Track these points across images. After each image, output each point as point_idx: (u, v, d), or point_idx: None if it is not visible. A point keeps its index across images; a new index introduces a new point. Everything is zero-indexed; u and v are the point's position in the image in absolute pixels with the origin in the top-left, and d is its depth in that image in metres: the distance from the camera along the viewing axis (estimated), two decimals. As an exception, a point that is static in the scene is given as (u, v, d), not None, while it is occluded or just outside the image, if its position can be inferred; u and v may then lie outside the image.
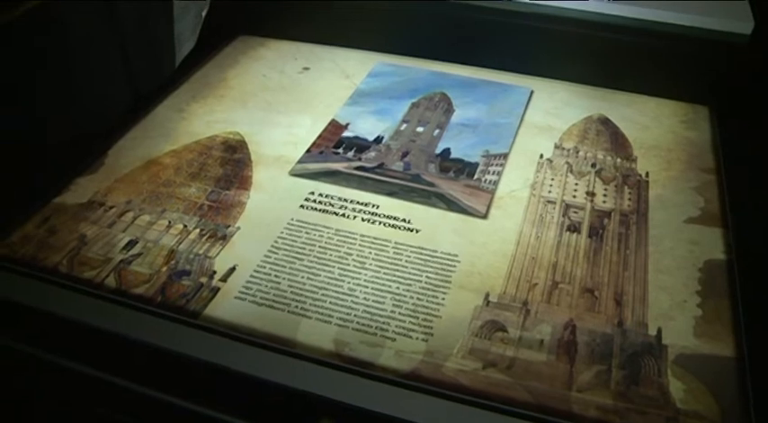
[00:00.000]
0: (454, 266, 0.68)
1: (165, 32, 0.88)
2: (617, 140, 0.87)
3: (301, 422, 0.54)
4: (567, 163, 0.82)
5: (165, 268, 0.67)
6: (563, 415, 0.54)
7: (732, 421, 0.54)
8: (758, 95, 0.86)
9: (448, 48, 1.00)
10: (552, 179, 0.80)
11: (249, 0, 1.07)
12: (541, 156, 0.84)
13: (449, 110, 0.92)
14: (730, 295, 0.65)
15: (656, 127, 0.90)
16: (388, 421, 0.52)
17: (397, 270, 0.67)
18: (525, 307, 0.63)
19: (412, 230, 0.72)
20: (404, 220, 0.73)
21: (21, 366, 0.60)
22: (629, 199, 0.77)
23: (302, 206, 0.75)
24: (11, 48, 0.68)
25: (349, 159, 0.83)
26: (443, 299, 0.64)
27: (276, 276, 0.66)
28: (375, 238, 0.71)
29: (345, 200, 0.76)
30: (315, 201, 0.76)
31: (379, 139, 0.87)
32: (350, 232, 0.71)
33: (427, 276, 0.66)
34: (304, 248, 0.69)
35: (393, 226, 0.73)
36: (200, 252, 0.69)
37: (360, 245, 0.70)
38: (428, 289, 0.65)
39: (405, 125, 0.89)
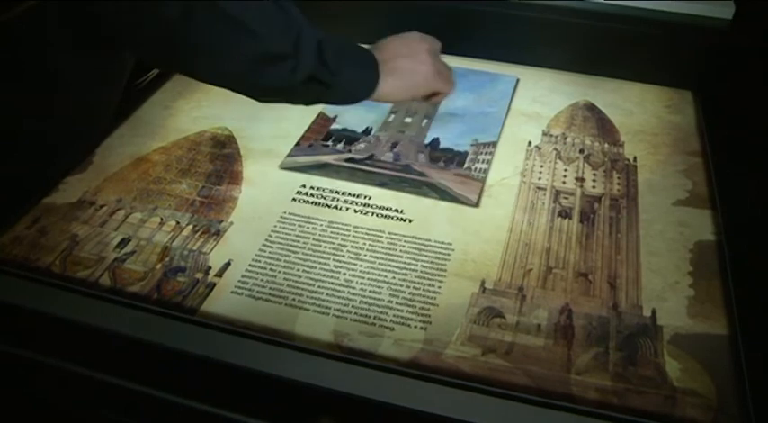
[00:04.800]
0: (448, 255, 0.68)
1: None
2: (603, 126, 0.88)
3: (303, 414, 0.54)
4: (556, 149, 0.83)
5: (159, 265, 0.67)
6: (563, 397, 0.54)
7: (727, 398, 0.55)
8: (740, 78, 0.87)
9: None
10: (542, 166, 0.81)
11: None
12: (530, 143, 0.85)
13: (436, 100, 0.92)
14: (721, 275, 0.66)
15: (641, 112, 0.91)
16: (390, 410, 0.52)
17: (392, 260, 0.67)
18: (521, 292, 0.64)
19: (405, 220, 0.72)
20: (396, 211, 0.74)
21: (17, 368, 0.59)
22: (618, 183, 0.78)
23: (294, 199, 0.75)
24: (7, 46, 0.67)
25: (339, 151, 0.83)
26: (440, 287, 0.65)
27: (272, 270, 0.66)
28: (369, 229, 0.71)
29: (337, 192, 0.76)
30: (306, 193, 0.76)
31: (367, 131, 0.87)
32: (343, 224, 0.72)
33: (422, 265, 0.67)
34: (298, 241, 0.69)
35: (386, 216, 0.73)
36: (195, 248, 0.69)
37: (354, 236, 0.70)
38: (424, 278, 0.66)
39: (393, 116, 0.90)
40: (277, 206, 0.74)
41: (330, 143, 0.85)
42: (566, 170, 0.80)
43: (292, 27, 0.61)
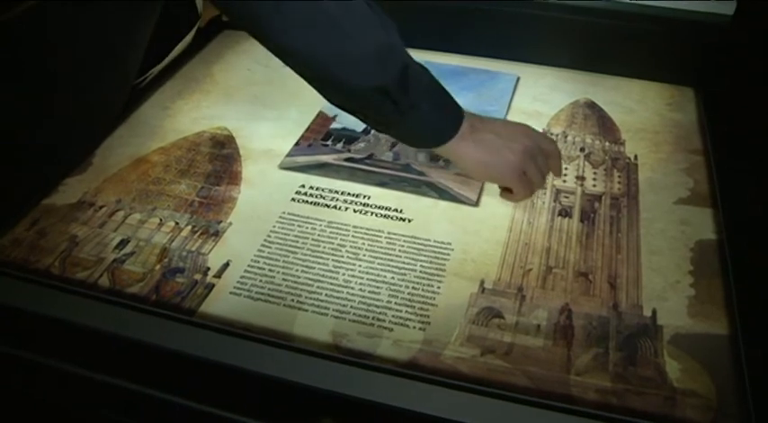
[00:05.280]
0: (448, 254, 0.68)
1: (149, 30, 0.87)
2: (604, 124, 0.87)
3: (302, 415, 0.54)
4: (556, 148, 0.83)
5: (158, 266, 0.66)
6: (562, 398, 0.54)
7: (727, 398, 0.55)
8: (742, 75, 0.87)
9: (433, 36, 1.00)
10: (542, 165, 0.80)
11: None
12: (530, 142, 0.84)
13: (436, 98, 0.92)
14: (722, 274, 0.65)
15: (642, 110, 0.90)
16: (388, 411, 0.52)
17: (391, 260, 0.67)
18: (520, 293, 0.64)
19: (404, 220, 0.72)
20: (396, 210, 0.73)
21: (17, 370, 0.59)
22: (619, 182, 0.77)
23: (293, 199, 0.75)
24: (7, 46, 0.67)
25: (338, 151, 0.83)
26: (439, 287, 0.64)
27: (270, 270, 0.66)
28: (368, 229, 0.71)
29: (336, 192, 0.76)
30: (306, 193, 0.76)
31: (367, 130, 0.86)
32: (342, 224, 0.71)
33: (421, 265, 0.67)
34: (297, 241, 0.69)
35: (385, 216, 0.73)
36: (193, 249, 0.68)
37: (353, 236, 0.70)
38: (423, 278, 0.65)
39: (392, 115, 0.89)
40: (276, 206, 0.74)
41: (330, 142, 0.84)
42: (566, 169, 0.79)
43: (380, 36, 0.60)
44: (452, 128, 0.65)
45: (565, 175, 0.78)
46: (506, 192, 0.69)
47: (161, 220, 0.72)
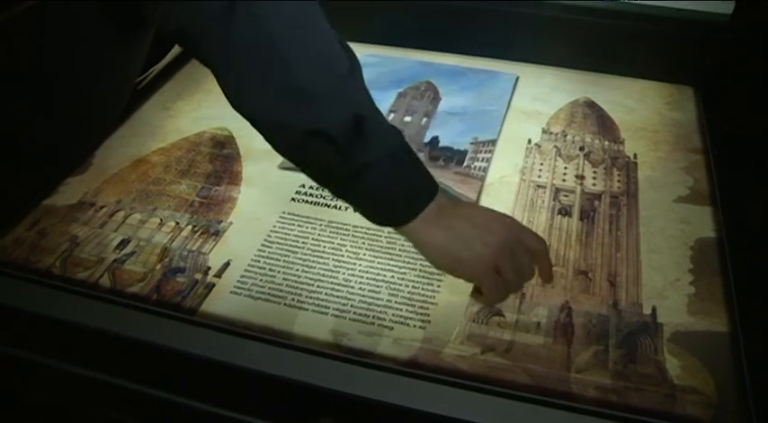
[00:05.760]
0: (448, 254, 0.68)
1: (152, 31, 0.87)
2: (604, 123, 0.87)
3: (303, 414, 0.54)
4: (556, 147, 0.83)
5: (159, 266, 0.67)
6: (563, 396, 0.54)
7: (728, 395, 0.55)
8: (741, 74, 0.87)
9: (433, 36, 1.00)
10: (541, 164, 0.80)
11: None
12: (530, 141, 0.84)
13: (435, 98, 0.92)
14: (722, 272, 0.65)
15: (642, 109, 0.90)
16: (389, 409, 0.52)
17: (392, 259, 0.67)
18: (520, 290, 0.64)
19: (404, 219, 0.72)
20: (396, 210, 0.73)
21: (17, 370, 0.59)
22: (619, 181, 0.77)
23: (293, 199, 0.75)
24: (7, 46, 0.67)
25: (338, 151, 0.83)
26: (439, 286, 0.64)
27: (271, 270, 0.66)
28: (368, 229, 0.71)
29: (336, 191, 0.76)
30: (306, 193, 0.76)
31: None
32: (342, 223, 0.72)
33: (421, 264, 0.67)
34: (297, 241, 0.69)
35: (385, 216, 0.73)
36: (194, 249, 0.69)
37: (353, 235, 0.70)
38: (423, 277, 0.65)
39: (392, 115, 0.89)
40: (276, 206, 0.74)
41: (330, 142, 0.84)
42: (566, 168, 0.79)
43: (337, 72, 0.53)
44: (416, 205, 0.55)
45: (564, 173, 0.79)
46: (478, 292, 0.59)
47: (161, 220, 0.72)
